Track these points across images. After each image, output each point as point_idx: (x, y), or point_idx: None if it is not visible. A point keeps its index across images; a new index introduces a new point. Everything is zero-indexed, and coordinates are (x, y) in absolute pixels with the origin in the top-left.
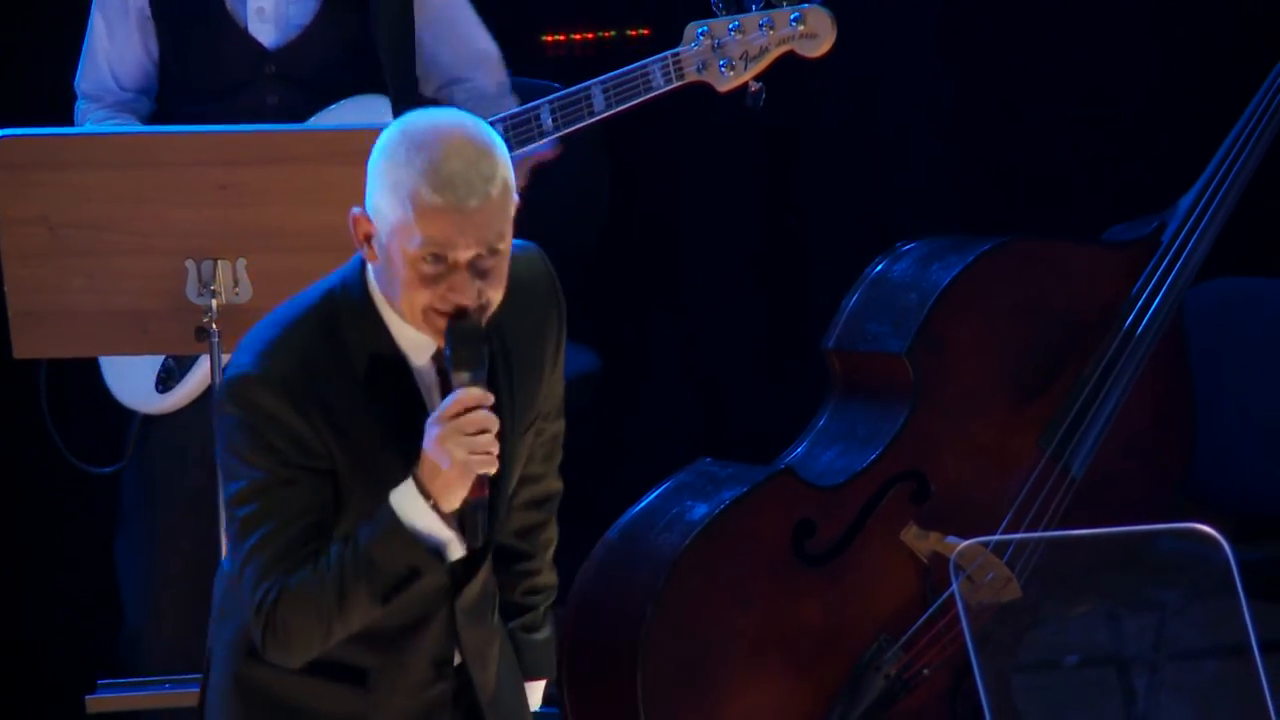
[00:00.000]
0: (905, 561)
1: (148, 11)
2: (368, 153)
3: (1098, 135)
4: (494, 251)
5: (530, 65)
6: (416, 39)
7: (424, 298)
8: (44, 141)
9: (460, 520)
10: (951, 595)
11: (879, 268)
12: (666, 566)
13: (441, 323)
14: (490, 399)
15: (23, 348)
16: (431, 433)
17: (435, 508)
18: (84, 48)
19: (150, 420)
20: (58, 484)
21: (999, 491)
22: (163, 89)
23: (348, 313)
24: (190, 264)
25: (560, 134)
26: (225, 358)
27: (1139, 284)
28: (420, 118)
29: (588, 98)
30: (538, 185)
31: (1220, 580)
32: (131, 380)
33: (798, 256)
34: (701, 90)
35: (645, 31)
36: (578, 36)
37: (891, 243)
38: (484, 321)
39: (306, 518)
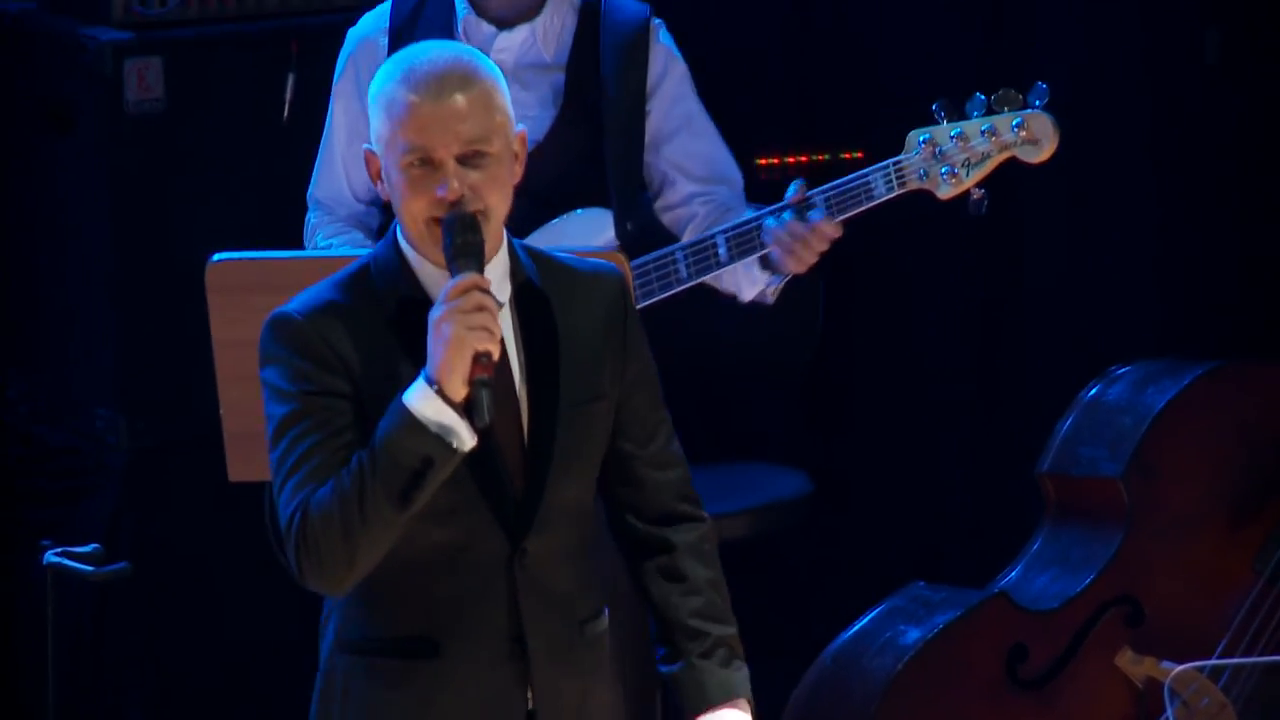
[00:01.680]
0: (1119, 687)
1: None
2: None
3: None
4: (479, 153)
5: (746, 189)
6: (658, 149)
7: (420, 206)
8: (257, 265)
9: (467, 405)
10: None
11: (1093, 391)
12: (880, 690)
13: (440, 232)
14: (487, 282)
15: (238, 471)
16: (431, 318)
17: (441, 393)
18: (320, 155)
19: None
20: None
21: (1214, 615)
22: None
23: (377, 265)
24: None
25: (731, 264)
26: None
27: None
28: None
29: (810, 209)
30: (750, 310)
31: None
32: None
33: (1012, 378)
34: (922, 205)
35: (859, 154)
36: (791, 159)
37: (1106, 365)
38: (483, 221)
39: (336, 440)
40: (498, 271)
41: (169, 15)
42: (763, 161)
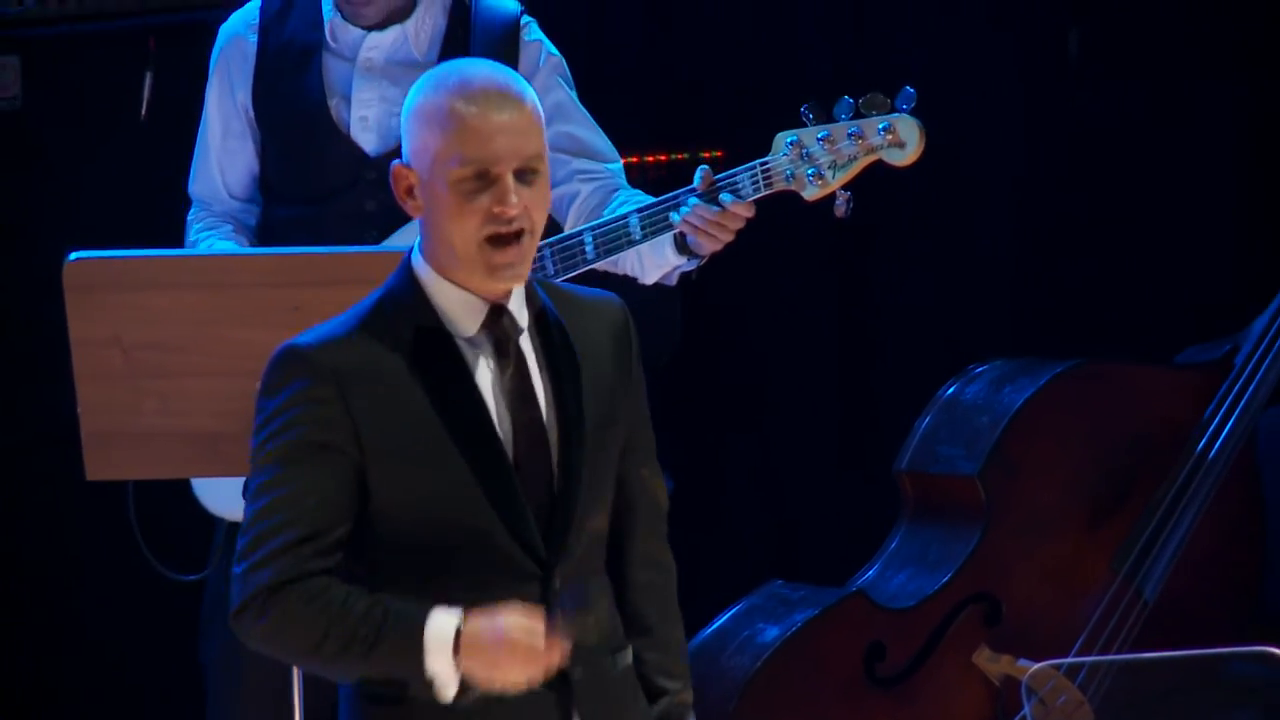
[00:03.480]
0: (977, 684)
1: (252, 114)
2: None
3: (1173, 254)
4: (533, 170)
5: None
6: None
7: (474, 224)
8: (115, 263)
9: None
10: (1024, 719)
11: (951, 390)
12: (738, 689)
13: (495, 255)
14: (565, 658)
15: (95, 469)
16: (507, 625)
17: (455, 660)
18: (196, 151)
19: (236, 528)
20: (143, 590)
21: (1071, 614)
22: (261, 194)
23: (392, 298)
24: None
25: (644, 243)
26: None
27: (1211, 407)
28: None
29: (676, 206)
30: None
31: None
32: (218, 488)
33: (869, 377)
34: (778, 202)
35: (719, 154)
36: (650, 159)
37: (964, 364)
38: (527, 244)
39: (318, 495)
40: (517, 300)
41: (27, 14)
42: (622, 161)
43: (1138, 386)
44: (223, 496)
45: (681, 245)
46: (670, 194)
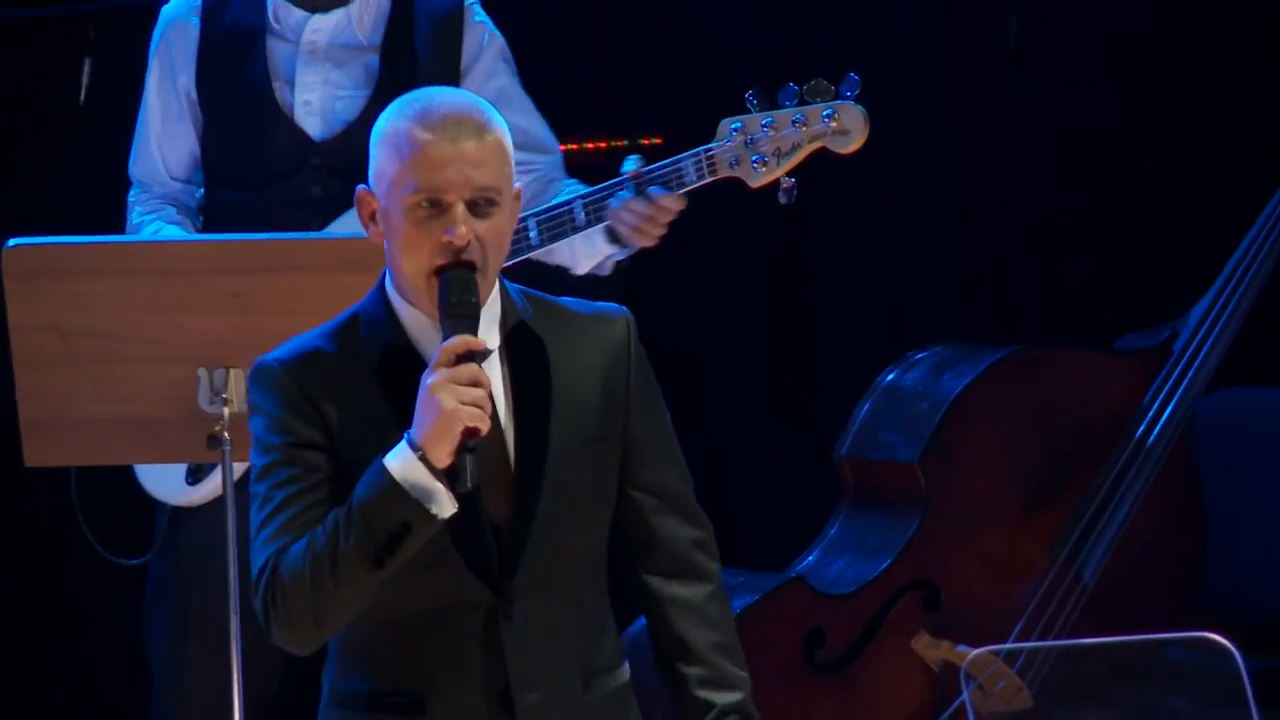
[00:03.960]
0: (916, 670)
1: (195, 97)
2: (381, 262)
3: (1111, 241)
4: (489, 201)
5: None
6: None
7: (424, 255)
8: (54, 250)
9: (449, 471)
10: (962, 704)
11: (890, 376)
12: None
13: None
14: (481, 344)
15: (34, 456)
16: (423, 384)
17: (424, 459)
18: (136, 134)
19: (180, 512)
20: (87, 575)
21: (1010, 600)
22: (205, 177)
23: (365, 315)
24: (202, 372)
25: (591, 228)
26: (238, 467)
27: (1150, 393)
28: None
29: (650, 184)
30: (547, 282)
31: (1231, 689)
32: (161, 473)
33: (809, 363)
34: (720, 188)
35: (658, 140)
36: (590, 145)
37: (904, 350)
38: (481, 275)
39: (313, 495)
40: (487, 318)
41: None
42: (560, 148)
43: (1077, 372)
44: (165, 481)
45: (614, 235)
46: (613, 180)
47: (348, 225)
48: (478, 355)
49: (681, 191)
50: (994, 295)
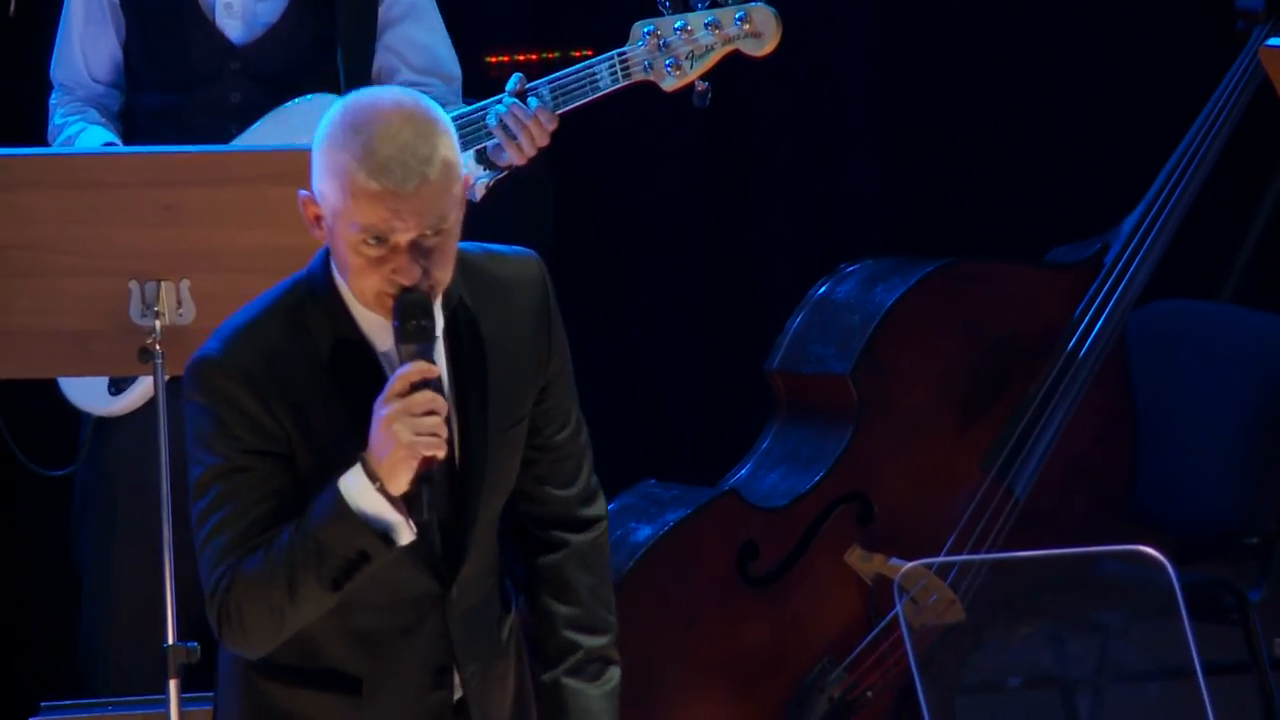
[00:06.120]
0: (849, 584)
1: (117, 1)
2: (310, 174)
3: (1042, 154)
4: (437, 231)
5: (474, 85)
6: (381, 36)
7: (372, 281)
8: None
9: (407, 498)
10: (895, 617)
11: (822, 289)
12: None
13: (392, 304)
14: (436, 371)
15: None
16: (379, 414)
17: (382, 490)
18: (58, 36)
19: (104, 422)
20: (10, 487)
21: (943, 513)
22: (126, 81)
23: (313, 300)
24: (134, 285)
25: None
26: (168, 378)
27: (1081, 306)
28: (362, 97)
29: (528, 98)
30: (481, 207)
31: (1163, 602)
32: (84, 383)
33: (741, 277)
34: (647, 104)
35: (589, 52)
36: (521, 57)
37: (835, 263)
38: (433, 297)
39: (264, 505)
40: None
41: None
42: (493, 59)
43: (1009, 285)
44: (88, 391)
45: (481, 156)
46: (486, 100)
47: (265, 131)
48: (432, 381)
49: (568, 109)
50: (926, 208)
